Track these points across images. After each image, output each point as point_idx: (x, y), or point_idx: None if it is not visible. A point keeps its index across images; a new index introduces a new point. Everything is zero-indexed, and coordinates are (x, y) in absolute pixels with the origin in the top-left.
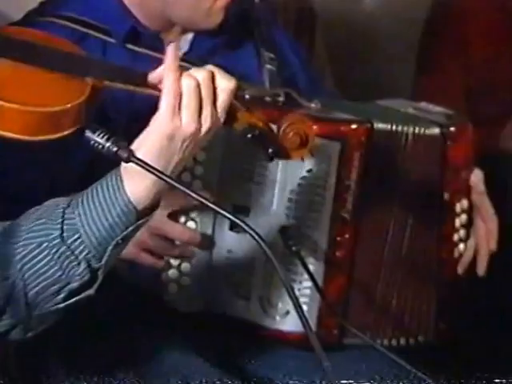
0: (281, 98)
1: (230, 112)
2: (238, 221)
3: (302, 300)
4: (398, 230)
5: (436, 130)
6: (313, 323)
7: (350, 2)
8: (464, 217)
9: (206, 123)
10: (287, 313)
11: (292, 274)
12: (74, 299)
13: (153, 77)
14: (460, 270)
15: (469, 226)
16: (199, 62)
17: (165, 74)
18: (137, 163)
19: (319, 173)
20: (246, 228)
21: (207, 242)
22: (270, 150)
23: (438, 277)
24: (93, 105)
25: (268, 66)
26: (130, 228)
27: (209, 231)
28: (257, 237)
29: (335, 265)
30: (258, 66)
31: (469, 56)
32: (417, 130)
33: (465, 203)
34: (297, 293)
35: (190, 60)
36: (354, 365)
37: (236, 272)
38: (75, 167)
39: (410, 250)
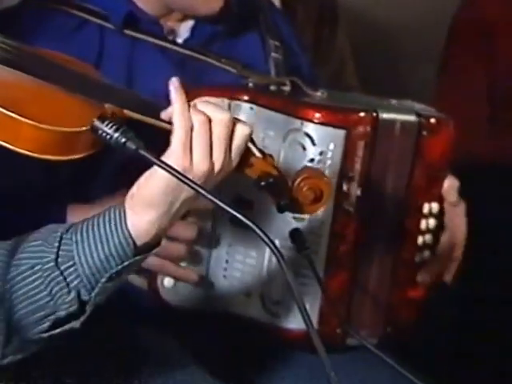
0: (286, 87)
1: (245, 157)
2: (247, 221)
3: (303, 297)
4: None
5: (412, 117)
6: (314, 322)
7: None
8: (432, 221)
9: (218, 164)
10: (289, 310)
11: (294, 269)
12: (58, 330)
13: (165, 114)
14: (419, 277)
15: (438, 234)
16: (200, 49)
17: (173, 108)
18: (145, 156)
19: (322, 163)
20: (254, 227)
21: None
22: (282, 203)
23: (393, 276)
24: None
25: (274, 55)
26: (126, 263)
27: (208, 224)
28: (265, 238)
29: (338, 259)
30: (264, 54)
31: (495, 61)
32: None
33: (435, 207)
34: (300, 289)
35: (191, 47)
36: (356, 367)
37: (236, 268)
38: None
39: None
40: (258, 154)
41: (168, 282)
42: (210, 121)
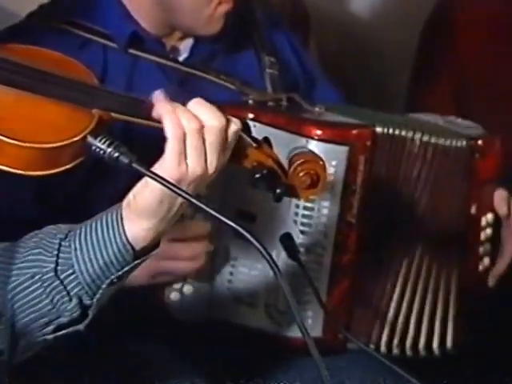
0: (283, 103)
1: (238, 149)
2: (242, 230)
3: (308, 306)
4: (406, 238)
5: (463, 143)
6: (319, 329)
7: (343, 5)
8: (489, 231)
9: (212, 166)
10: (294, 319)
11: (300, 278)
12: (62, 332)
13: (156, 113)
14: (490, 282)
15: (495, 240)
16: (200, 66)
17: (162, 117)
18: (138, 170)
19: None
20: (249, 236)
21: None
22: (278, 191)
23: (460, 289)
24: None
25: (269, 70)
26: (126, 268)
27: (213, 237)
28: (261, 248)
29: (341, 269)
30: (259, 70)
31: (459, 65)
32: (441, 142)
33: (490, 217)
34: (305, 298)
35: (189, 64)
36: (357, 371)
37: (241, 279)
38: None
39: (425, 259)
40: (251, 144)
41: (175, 295)
42: (202, 126)
